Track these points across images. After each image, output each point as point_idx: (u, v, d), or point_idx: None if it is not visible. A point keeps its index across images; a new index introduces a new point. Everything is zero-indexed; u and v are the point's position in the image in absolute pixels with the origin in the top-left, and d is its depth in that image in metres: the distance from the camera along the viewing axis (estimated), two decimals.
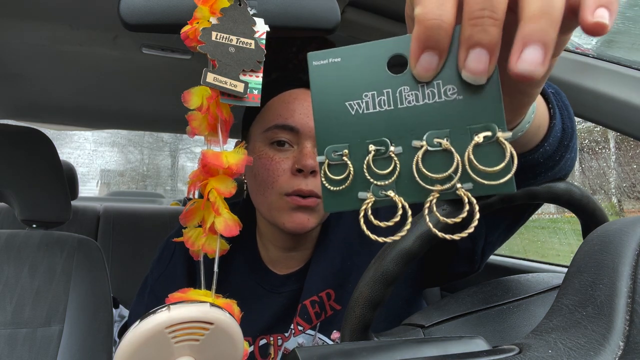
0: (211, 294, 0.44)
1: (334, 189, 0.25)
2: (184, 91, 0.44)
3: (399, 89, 0.24)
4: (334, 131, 0.25)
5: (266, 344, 0.71)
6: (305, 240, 0.75)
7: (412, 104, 0.24)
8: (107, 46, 1.07)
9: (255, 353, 0.71)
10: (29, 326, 0.86)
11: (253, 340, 0.72)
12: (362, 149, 0.25)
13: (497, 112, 0.24)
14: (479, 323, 0.47)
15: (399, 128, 0.24)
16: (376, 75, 0.25)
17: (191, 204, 0.45)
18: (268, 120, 0.68)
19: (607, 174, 1.67)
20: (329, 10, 0.51)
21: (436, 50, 0.23)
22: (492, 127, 0.24)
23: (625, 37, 0.88)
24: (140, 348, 0.34)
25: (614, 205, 1.64)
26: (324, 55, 0.25)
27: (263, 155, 0.67)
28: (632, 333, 0.27)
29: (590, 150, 1.68)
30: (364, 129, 0.25)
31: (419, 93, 0.24)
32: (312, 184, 0.65)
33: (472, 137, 0.24)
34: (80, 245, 0.96)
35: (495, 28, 0.23)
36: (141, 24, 0.45)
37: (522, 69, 0.22)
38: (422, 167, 0.24)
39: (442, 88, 0.24)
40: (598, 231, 0.36)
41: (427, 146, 0.24)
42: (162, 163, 8.37)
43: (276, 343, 0.71)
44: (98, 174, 7.77)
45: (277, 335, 0.72)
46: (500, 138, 0.23)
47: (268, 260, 0.76)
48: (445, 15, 0.23)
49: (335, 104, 0.25)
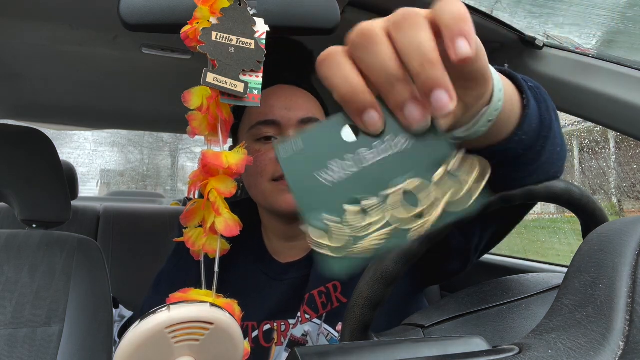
0: (212, 294, 0.44)
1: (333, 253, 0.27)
2: (184, 91, 0.44)
3: (358, 151, 0.28)
4: (313, 203, 0.28)
5: (270, 329, 0.74)
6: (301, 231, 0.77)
7: (373, 161, 0.28)
8: (107, 46, 1.07)
9: (259, 337, 0.74)
10: (29, 326, 0.86)
11: (258, 325, 0.75)
12: (340, 211, 0.28)
13: (444, 146, 0.27)
14: (479, 323, 0.47)
15: (368, 184, 0.27)
16: (335, 146, 0.28)
17: (191, 204, 0.45)
18: (251, 119, 0.74)
19: (607, 174, 1.67)
20: (328, 10, 0.51)
21: (367, 108, 0.27)
22: (445, 161, 0.27)
23: (625, 37, 0.88)
24: (140, 348, 0.34)
25: (614, 205, 1.64)
26: (288, 147, 0.28)
27: (251, 151, 0.73)
28: (632, 333, 0.27)
29: (590, 150, 1.68)
30: (339, 193, 0.28)
31: (376, 151, 0.28)
32: None
33: (431, 175, 0.27)
34: (80, 245, 0.96)
35: (404, 85, 0.26)
36: (141, 24, 0.45)
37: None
38: (393, 212, 0.27)
39: (392, 142, 0.27)
40: (598, 231, 0.36)
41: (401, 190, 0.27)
42: (162, 163, 8.37)
43: (279, 329, 0.74)
44: (98, 174, 7.78)
45: (281, 322, 0.75)
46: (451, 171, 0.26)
47: (272, 251, 0.81)
48: (354, 85, 0.27)
49: (308, 180, 0.28)
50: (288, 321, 0.75)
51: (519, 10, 0.86)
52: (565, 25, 0.90)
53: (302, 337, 0.73)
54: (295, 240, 0.80)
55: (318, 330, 0.72)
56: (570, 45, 0.85)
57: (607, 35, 0.88)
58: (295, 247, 0.80)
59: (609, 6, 0.80)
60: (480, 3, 0.78)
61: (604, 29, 0.87)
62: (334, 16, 0.51)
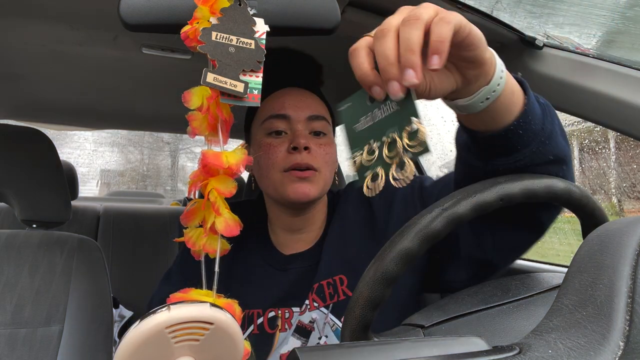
0: (212, 294, 0.44)
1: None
2: (184, 91, 0.44)
3: (373, 111, 0.44)
4: (351, 142, 0.46)
5: (274, 317, 0.78)
6: (308, 222, 0.85)
7: (380, 117, 0.43)
8: (107, 46, 1.07)
9: (264, 324, 0.78)
10: (29, 326, 0.86)
11: (263, 312, 0.79)
12: (362, 148, 0.45)
13: (414, 110, 0.41)
14: (479, 323, 0.47)
15: (376, 132, 0.44)
16: (361, 108, 0.45)
17: (192, 204, 0.45)
18: (264, 114, 0.81)
19: (607, 174, 1.67)
20: (329, 10, 0.51)
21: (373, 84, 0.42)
22: (415, 120, 0.40)
23: (625, 37, 0.88)
24: (140, 348, 0.34)
25: (614, 205, 1.64)
26: (342, 103, 0.47)
27: (263, 144, 0.79)
28: (632, 333, 0.27)
29: (590, 150, 1.67)
30: (363, 137, 0.45)
31: (382, 111, 0.43)
32: (307, 158, 0.77)
33: (403, 130, 0.41)
34: (80, 245, 0.96)
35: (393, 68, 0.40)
36: (141, 24, 0.45)
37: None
38: (385, 151, 0.42)
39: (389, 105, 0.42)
40: (598, 231, 0.36)
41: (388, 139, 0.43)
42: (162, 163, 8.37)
43: (283, 316, 0.78)
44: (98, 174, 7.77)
45: (285, 309, 0.78)
46: (419, 126, 0.40)
47: (277, 243, 0.86)
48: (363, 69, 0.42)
49: (349, 128, 0.46)
50: (292, 309, 0.78)
51: (519, 10, 0.86)
52: (565, 25, 0.90)
53: (309, 323, 0.76)
54: (299, 233, 0.85)
55: (324, 319, 0.75)
56: (570, 45, 0.85)
57: (607, 35, 0.88)
58: (300, 240, 0.85)
59: (609, 6, 0.80)
60: (480, 3, 0.78)
61: (604, 29, 0.87)
62: (334, 16, 0.51)
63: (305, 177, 0.77)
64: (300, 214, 0.83)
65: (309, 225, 0.85)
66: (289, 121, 0.79)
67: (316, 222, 0.86)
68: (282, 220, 0.85)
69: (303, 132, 0.78)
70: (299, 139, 0.77)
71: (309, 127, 0.80)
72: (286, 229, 0.85)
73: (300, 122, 0.79)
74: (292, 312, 0.78)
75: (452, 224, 0.47)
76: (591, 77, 0.79)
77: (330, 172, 0.81)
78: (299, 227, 0.84)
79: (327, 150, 0.80)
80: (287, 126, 0.79)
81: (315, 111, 0.80)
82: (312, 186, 0.77)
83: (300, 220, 0.84)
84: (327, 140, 0.81)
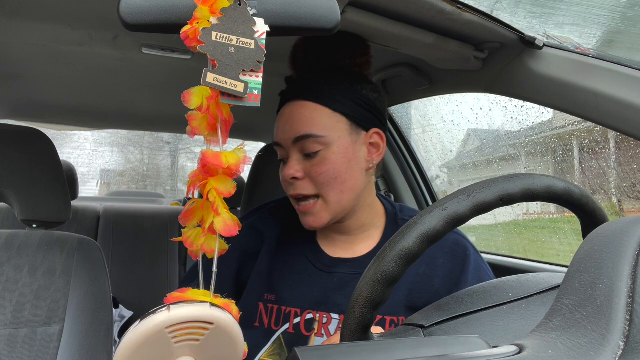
0: (210, 294, 0.44)
1: None
2: (184, 91, 0.44)
3: None
4: None
5: (312, 319, 0.76)
6: (355, 227, 0.81)
7: None
8: (107, 46, 1.07)
9: (300, 324, 0.76)
10: (29, 326, 0.86)
11: (301, 312, 0.77)
12: None
13: None
14: (479, 323, 0.47)
15: None
16: None
17: (190, 204, 0.45)
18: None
19: (607, 174, 1.67)
20: (329, 10, 0.51)
21: None
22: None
23: (625, 37, 0.88)
24: (140, 348, 0.34)
25: (614, 205, 1.64)
26: None
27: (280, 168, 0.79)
28: (632, 333, 0.27)
29: (590, 150, 1.67)
30: None
31: None
32: (299, 188, 0.74)
33: None
34: (80, 245, 0.96)
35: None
36: (141, 24, 0.45)
37: None
38: None
39: None
40: (598, 231, 0.36)
41: None
42: (162, 163, 8.36)
43: (321, 320, 0.75)
44: (98, 174, 7.76)
45: (324, 314, 0.76)
46: None
47: (323, 244, 0.83)
48: None
49: None
50: (331, 315, 0.76)
51: (519, 10, 0.86)
52: (565, 25, 0.90)
53: None
54: (348, 235, 0.82)
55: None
56: (570, 45, 0.85)
57: (607, 35, 0.88)
58: (348, 244, 0.81)
59: (609, 6, 0.80)
60: (480, 3, 0.78)
61: (604, 29, 0.87)
62: (334, 16, 0.51)
63: (304, 212, 0.75)
64: (339, 222, 0.79)
65: (358, 229, 0.81)
66: (283, 149, 0.77)
67: (367, 226, 0.81)
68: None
69: (294, 158, 0.75)
70: (286, 170, 0.75)
71: (300, 149, 0.74)
72: (332, 230, 0.82)
73: (290, 148, 0.75)
74: (330, 318, 0.75)
75: (452, 224, 0.47)
76: (591, 77, 0.79)
77: (338, 192, 0.74)
78: (344, 230, 0.81)
79: (322, 172, 0.72)
80: (284, 154, 0.77)
81: (300, 130, 0.73)
82: (315, 217, 0.75)
83: (342, 226, 0.81)
84: (321, 159, 0.73)
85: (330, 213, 0.75)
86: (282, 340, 0.76)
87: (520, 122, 1.59)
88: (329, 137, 0.73)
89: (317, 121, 0.73)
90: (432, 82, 1.15)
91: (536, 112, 1.55)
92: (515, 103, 1.45)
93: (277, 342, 0.76)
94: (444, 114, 1.79)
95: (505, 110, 1.54)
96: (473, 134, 2.27)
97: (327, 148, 0.73)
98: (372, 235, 0.82)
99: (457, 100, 1.63)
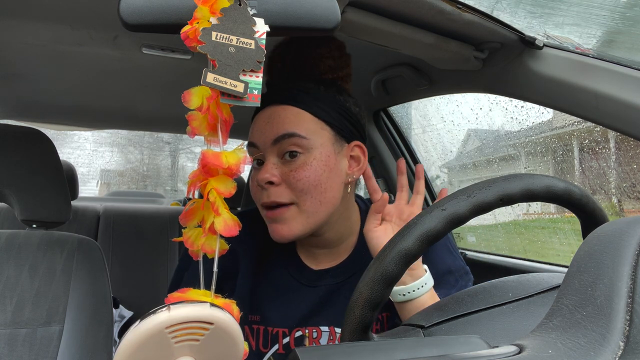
0: (210, 294, 0.44)
1: None
2: (184, 91, 0.44)
3: None
4: None
5: (301, 336, 0.75)
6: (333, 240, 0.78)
7: None
8: (107, 46, 1.07)
9: (290, 344, 0.74)
10: (29, 326, 0.86)
11: (289, 331, 0.75)
12: None
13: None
14: (479, 323, 0.47)
15: None
16: None
17: (191, 204, 0.45)
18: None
19: (607, 174, 1.67)
20: (329, 10, 0.51)
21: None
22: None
23: (625, 37, 0.88)
24: (140, 348, 0.34)
25: (614, 205, 1.64)
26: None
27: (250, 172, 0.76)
28: (632, 333, 0.27)
29: (590, 150, 1.67)
30: None
31: None
32: (273, 195, 0.69)
33: None
34: (80, 245, 0.96)
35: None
36: (141, 24, 0.45)
37: None
38: None
39: None
40: (598, 231, 0.36)
41: None
42: (162, 163, 8.36)
43: (311, 335, 0.74)
44: (98, 174, 7.76)
45: (313, 328, 0.75)
46: None
47: (305, 258, 0.80)
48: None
49: None
50: (320, 328, 0.74)
51: (519, 10, 0.86)
52: (565, 25, 0.90)
53: None
54: (328, 248, 0.79)
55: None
56: (570, 45, 0.85)
57: (607, 35, 0.88)
58: (330, 254, 0.79)
59: (609, 6, 0.80)
60: (480, 3, 0.78)
61: (604, 29, 0.87)
62: (334, 16, 0.51)
63: (274, 218, 0.70)
64: (314, 235, 0.75)
65: (336, 241, 0.78)
66: (258, 149, 0.72)
67: (344, 236, 0.79)
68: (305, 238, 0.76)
69: (271, 161, 0.70)
70: (261, 174, 0.69)
71: (278, 151, 0.70)
72: (311, 245, 0.79)
73: (267, 149, 0.70)
74: (320, 332, 0.74)
75: (452, 224, 0.47)
76: (591, 77, 0.79)
77: (315, 201, 0.69)
78: (323, 244, 0.78)
79: (301, 176, 0.68)
80: (262, 156, 0.72)
81: (282, 129, 0.69)
82: (288, 225, 0.69)
83: (319, 240, 0.77)
84: (302, 162, 0.69)
85: (303, 224, 0.70)
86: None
87: (520, 122, 1.59)
88: (312, 141, 0.69)
89: (301, 124, 0.70)
90: (432, 82, 1.15)
91: (536, 112, 1.55)
92: (515, 103, 1.45)
93: None
94: (444, 114, 1.79)
95: (505, 110, 1.54)
96: (473, 134, 2.27)
97: (309, 153, 0.69)
98: (351, 242, 0.80)
99: (457, 100, 1.63)
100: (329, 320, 0.74)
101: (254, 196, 0.73)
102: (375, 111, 1.54)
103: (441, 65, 1.01)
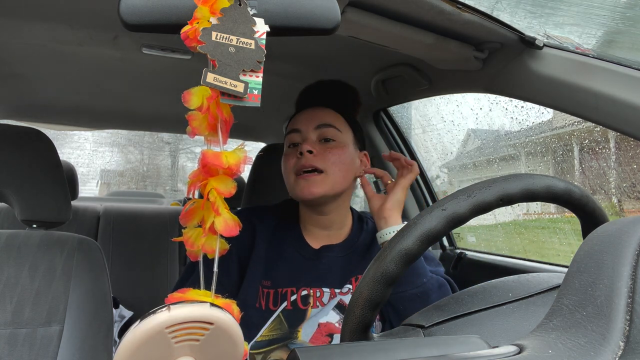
0: (210, 294, 0.44)
1: None
2: (184, 91, 0.44)
3: None
4: None
5: (307, 295, 0.91)
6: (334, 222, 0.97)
7: None
8: (107, 46, 1.07)
9: (297, 301, 0.90)
10: (29, 326, 0.86)
11: (296, 290, 0.91)
12: None
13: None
14: (479, 323, 0.47)
15: None
16: None
17: (191, 204, 0.45)
18: (288, 128, 0.97)
19: (607, 174, 1.67)
20: (329, 10, 0.51)
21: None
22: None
23: (625, 37, 0.88)
24: (140, 348, 0.34)
25: (614, 205, 1.64)
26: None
27: (284, 154, 0.96)
28: (632, 333, 0.27)
29: (590, 150, 1.68)
30: None
31: None
32: (311, 160, 0.89)
33: None
34: (80, 245, 0.96)
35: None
36: (141, 24, 0.45)
37: None
38: None
39: None
40: (598, 231, 0.36)
41: None
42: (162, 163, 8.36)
43: (315, 294, 0.91)
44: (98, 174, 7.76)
45: (317, 289, 0.91)
46: None
47: (308, 238, 0.98)
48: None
49: None
50: (323, 289, 0.91)
51: (519, 10, 0.86)
52: (565, 25, 0.90)
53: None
54: (328, 229, 0.98)
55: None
56: (570, 45, 0.85)
57: (607, 35, 0.88)
58: (329, 237, 0.98)
59: (609, 6, 0.80)
60: (480, 3, 0.78)
61: (604, 29, 0.87)
62: (334, 16, 0.51)
63: (308, 179, 0.89)
64: (322, 213, 0.95)
65: (335, 224, 0.98)
66: (301, 133, 0.93)
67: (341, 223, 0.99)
68: (309, 217, 0.97)
69: (311, 139, 0.92)
70: (304, 145, 0.90)
71: (318, 135, 0.92)
72: (315, 225, 0.97)
73: (310, 132, 0.93)
74: (322, 292, 0.91)
75: (452, 224, 0.47)
76: (591, 77, 0.79)
77: (340, 173, 0.91)
78: (325, 224, 0.97)
79: (334, 153, 0.90)
80: (300, 138, 0.93)
81: (324, 120, 0.93)
82: (317, 186, 0.88)
83: (325, 219, 0.96)
84: (335, 145, 0.92)
85: (325, 189, 0.89)
86: (281, 317, 0.89)
87: (520, 122, 1.59)
88: (344, 137, 0.94)
89: (338, 122, 0.94)
90: (432, 82, 1.15)
91: (536, 112, 1.55)
92: (515, 103, 1.45)
93: (277, 319, 0.89)
94: (444, 114, 1.79)
95: (505, 110, 1.54)
96: (473, 134, 2.27)
97: (340, 141, 0.93)
98: (345, 230, 1.00)
99: (457, 100, 1.63)
100: (328, 284, 0.92)
101: (290, 167, 0.92)
102: (375, 111, 1.54)
103: (441, 65, 1.02)
